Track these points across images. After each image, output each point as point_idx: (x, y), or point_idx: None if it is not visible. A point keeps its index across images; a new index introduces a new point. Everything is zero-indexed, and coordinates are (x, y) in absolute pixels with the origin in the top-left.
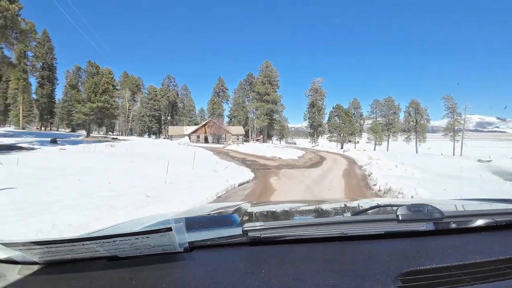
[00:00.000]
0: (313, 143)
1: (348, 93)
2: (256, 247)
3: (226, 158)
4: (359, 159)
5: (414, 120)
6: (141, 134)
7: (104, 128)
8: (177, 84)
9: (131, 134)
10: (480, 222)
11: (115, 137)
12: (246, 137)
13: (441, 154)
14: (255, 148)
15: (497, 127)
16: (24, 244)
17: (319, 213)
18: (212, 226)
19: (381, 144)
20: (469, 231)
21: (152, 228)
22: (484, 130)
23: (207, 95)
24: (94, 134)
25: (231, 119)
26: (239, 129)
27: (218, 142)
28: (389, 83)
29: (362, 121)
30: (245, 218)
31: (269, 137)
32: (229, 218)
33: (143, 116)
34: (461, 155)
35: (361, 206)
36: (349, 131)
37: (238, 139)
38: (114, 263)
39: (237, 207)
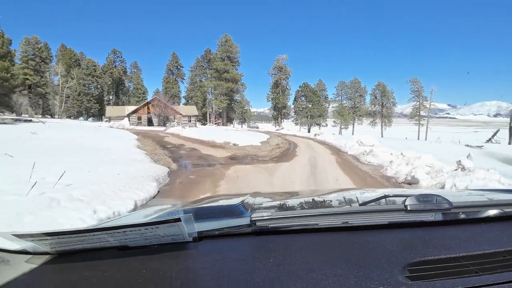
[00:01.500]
0: (278, 126)
1: (314, 75)
2: (264, 236)
3: (149, 146)
4: (343, 145)
5: (380, 103)
6: (77, 116)
7: (29, 109)
8: (124, 60)
9: (68, 116)
10: (489, 212)
11: (29, 119)
12: (204, 120)
13: (406, 138)
14: (207, 131)
15: (447, 113)
16: (36, 235)
17: (326, 203)
18: (220, 216)
19: (348, 128)
20: (478, 222)
21: (162, 219)
22: (436, 116)
23: (162, 75)
24: (23, 115)
25: (188, 101)
26: (191, 110)
27: (164, 125)
28: (356, 65)
29: (327, 104)
30: (253, 208)
31: (230, 120)
32: (237, 209)
33: (79, 94)
34: (426, 139)
35: (369, 197)
36: (317, 112)
37: (190, 121)
38: (125, 252)
39: (245, 197)
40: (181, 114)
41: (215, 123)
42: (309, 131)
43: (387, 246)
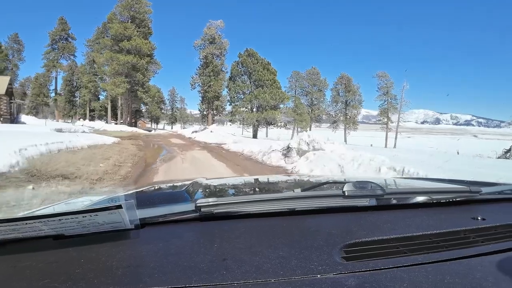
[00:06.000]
0: (205, 126)
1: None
2: (209, 222)
3: None
4: None
5: (344, 100)
6: None
7: None
8: None
9: None
10: (418, 199)
11: None
12: (106, 116)
13: (371, 145)
14: None
15: (379, 120)
16: None
17: (271, 189)
18: (164, 202)
19: (306, 130)
20: (408, 207)
21: (101, 206)
22: (370, 122)
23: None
24: None
25: (85, 87)
26: None
27: None
28: (315, 56)
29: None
30: (198, 194)
31: (156, 120)
32: (182, 194)
33: None
34: (395, 146)
35: (312, 182)
36: (270, 100)
37: None
38: (61, 242)
39: (190, 182)
40: None
41: (126, 123)
42: (255, 136)
43: (326, 229)
